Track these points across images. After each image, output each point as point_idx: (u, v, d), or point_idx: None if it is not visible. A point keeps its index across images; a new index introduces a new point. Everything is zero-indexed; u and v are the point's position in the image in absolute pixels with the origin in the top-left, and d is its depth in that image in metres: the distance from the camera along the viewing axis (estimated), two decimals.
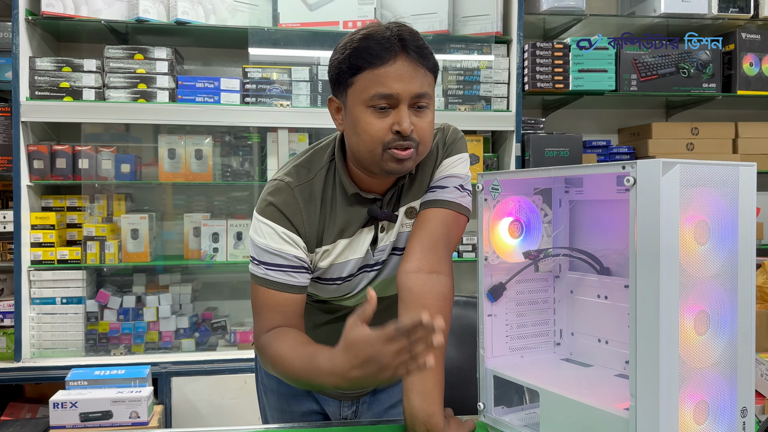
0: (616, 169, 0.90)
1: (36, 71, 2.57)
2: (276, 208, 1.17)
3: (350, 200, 1.21)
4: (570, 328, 1.26)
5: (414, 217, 1.25)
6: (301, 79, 2.75)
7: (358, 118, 1.12)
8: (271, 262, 1.17)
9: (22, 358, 2.54)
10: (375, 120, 1.10)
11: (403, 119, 1.09)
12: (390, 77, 1.09)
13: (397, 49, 1.09)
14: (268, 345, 1.15)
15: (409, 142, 1.11)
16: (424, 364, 0.94)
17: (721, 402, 0.93)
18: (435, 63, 1.16)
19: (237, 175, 2.81)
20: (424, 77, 1.11)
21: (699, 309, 0.90)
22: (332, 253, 1.22)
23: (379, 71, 1.09)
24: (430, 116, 1.14)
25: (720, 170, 0.91)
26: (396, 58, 1.09)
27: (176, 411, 2.53)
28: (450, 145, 1.27)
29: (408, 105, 1.10)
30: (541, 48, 2.84)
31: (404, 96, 1.09)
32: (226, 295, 3.02)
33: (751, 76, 2.99)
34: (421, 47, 1.12)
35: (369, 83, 1.10)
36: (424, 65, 1.11)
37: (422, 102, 1.12)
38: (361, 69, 1.10)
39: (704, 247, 0.91)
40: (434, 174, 1.26)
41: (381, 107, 1.10)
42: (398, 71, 1.09)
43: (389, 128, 1.10)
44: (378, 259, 1.26)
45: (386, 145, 1.11)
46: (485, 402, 1.18)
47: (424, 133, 1.13)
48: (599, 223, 1.21)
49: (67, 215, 2.73)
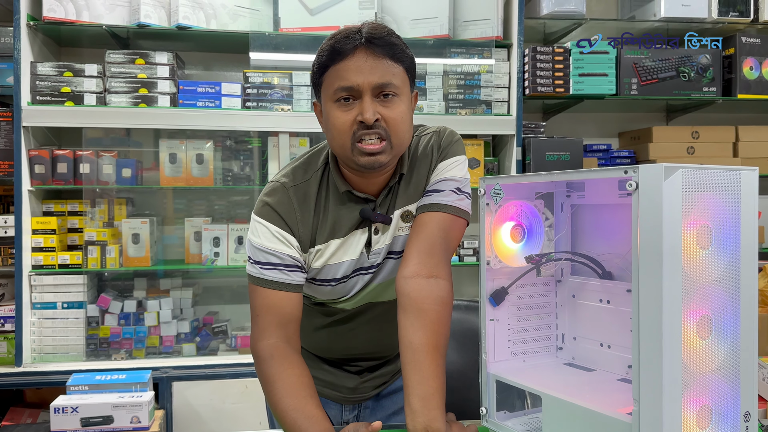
0: (619, 173, 0.90)
1: (37, 76, 2.57)
2: (271, 208, 1.19)
3: (342, 199, 1.23)
4: (572, 333, 1.26)
5: (410, 221, 1.25)
6: (301, 84, 2.75)
7: (328, 114, 1.16)
8: (266, 262, 1.19)
9: (23, 363, 2.54)
10: (341, 113, 1.13)
11: (365, 109, 1.11)
12: (350, 70, 1.11)
13: (358, 42, 1.12)
14: (269, 362, 1.16)
15: (376, 131, 1.12)
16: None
17: (724, 406, 0.92)
18: (405, 56, 1.17)
19: (238, 179, 2.81)
20: (387, 68, 1.13)
21: (702, 313, 0.90)
22: (325, 253, 1.23)
23: (339, 66, 1.12)
24: (400, 107, 1.15)
25: (722, 175, 0.91)
26: (355, 51, 1.12)
27: (177, 416, 2.52)
28: (445, 148, 1.27)
29: (373, 96, 1.12)
30: (541, 52, 2.85)
31: (365, 86, 1.11)
32: (227, 300, 3.02)
33: (751, 79, 3.00)
34: (384, 38, 1.13)
35: (333, 79, 1.13)
36: (386, 55, 1.13)
37: (387, 91, 1.13)
38: (327, 67, 1.14)
39: (707, 252, 0.91)
40: (430, 178, 1.26)
41: (344, 99, 1.13)
42: (357, 63, 1.11)
43: (354, 120, 1.12)
44: (373, 262, 1.26)
45: (354, 138, 1.13)
46: (488, 407, 1.18)
47: (393, 123, 1.13)
48: (601, 228, 1.21)
49: (68, 220, 2.73)
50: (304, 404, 1.11)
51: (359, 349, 1.39)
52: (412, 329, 1.12)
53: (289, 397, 1.12)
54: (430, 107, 2.82)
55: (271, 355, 1.16)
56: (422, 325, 1.12)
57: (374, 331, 1.36)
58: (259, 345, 1.18)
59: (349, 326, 1.35)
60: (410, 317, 1.13)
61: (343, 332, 1.36)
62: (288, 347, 1.18)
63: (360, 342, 1.38)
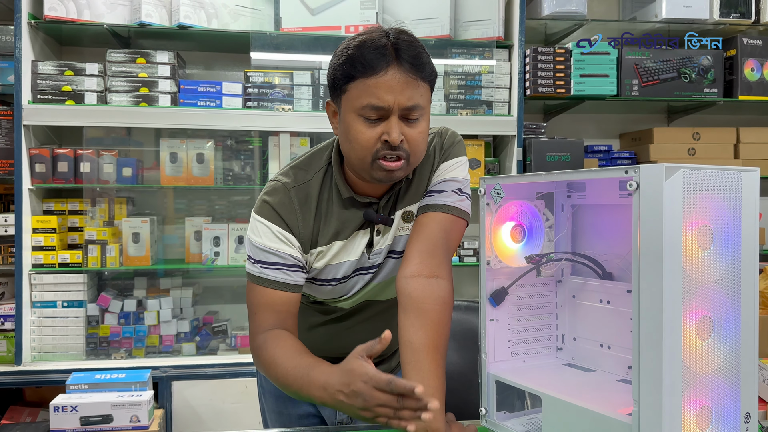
0: (619, 173, 0.90)
1: (38, 75, 2.57)
2: (272, 208, 1.19)
3: (345, 203, 1.22)
4: (572, 333, 1.25)
5: (411, 221, 1.25)
6: (302, 84, 2.75)
7: (349, 126, 1.12)
8: (266, 261, 1.18)
9: (23, 362, 2.54)
10: (365, 129, 1.10)
11: (393, 130, 1.09)
12: (381, 88, 1.08)
13: (390, 59, 1.08)
14: (263, 347, 1.16)
15: (399, 152, 1.11)
16: (404, 427, 0.96)
17: (724, 407, 0.92)
18: (432, 72, 1.15)
19: (238, 179, 2.81)
20: (416, 88, 1.10)
21: (702, 314, 0.90)
22: (327, 255, 1.23)
23: (370, 81, 1.08)
24: (422, 126, 1.14)
25: (723, 175, 0.90)
26: (388, 68, 1.08)
27: (177, 415, 2.52)
28: (447, 150, 1.27)
29: (399, 116, 1.10)
30: (542, 53, 2.85)
31: (395, 107, 1.09)
32: (227, 299, 3.02)
33: (752, 81, 2.99)
34: (416, 57, 1.10)
35: (361, 93, 1.09)
36: (418, 76, 1.10)
37: (414, 114, 1.11)
38: (354, 78, 1.10)
39: (707, 252, 0.90)
40: (431, 178, 1.26)
41: (371, 119, 1.10)
42: (390, 82, 1.08)
43: (378, 138, 1.10)
44: (374, 262, 1.27)
45: (375, 155, 1.11)
46: (487, 407, 1.18)
47: (415, 143, 1.13)
48: (601, 228, 1.21)
49: (69, 219, 2.73)
50: (299, 359, 1.11)
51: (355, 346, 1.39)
52: (413, 329, 1.12)
53: (287, 362, 1.11)
54: (432, 108, 2.81)
55: (265, 340, 1.17)
56: (423, 325, 1.12)
57: (371, 329, 1.36)
58: (256, 338, 1.19)
59: (346, 324, 1.35)
60: (411, 317, 1.14)
61: (339, 330, 1.36)
62: (281, 330, 1.18)
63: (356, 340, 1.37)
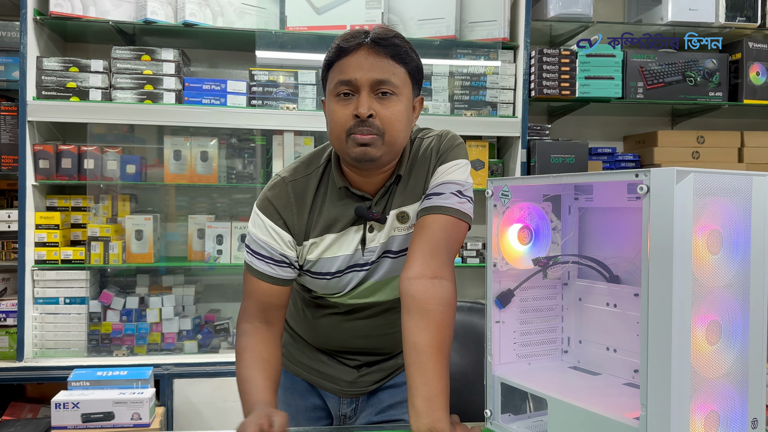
0: (629, 176, 0.89)
1: (43, 71, 2.57)
2: (269, 202, 1.26)
3: (340, 195, 1.26)
4: (578, 336, 1.25)
5: (406, 222, 1.27)
6: (307, 83, 2.75)
7: (329, 109, 1.20)
8: (257, 251, 1.26)
9: (25, 358, 2.53)
10: (339, 107, 1.17)
11: (361, 104, 1.15)
12: (350, 66, 1.16)
13: (361, 41, 1.16)
14: (241, 337, 1.27)
15: (369, 128, 1.15)
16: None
17: (732, 413, 0.92)
18: (407, 56, 1.20)
19: (242, 177, 2.81)
20: (388, 67, 1.17)
21: (711, 319, 0.90)
22: (320, 246, 1.26)
23: (341, 62, 1.17)
24: (397, 106, 1.18)
25: (733, 180, 0.90)
26: (358, 48, 1.16)
27: (178, 413, 2.52)
28: (445, 153, 1.27)
29: (371, 91, 1.16)
30: (547, 54, 2.84)
31: (363, 82, 1.15)
32: (230, 297, 3.01)
33: (757, 85, 2.99)
34: (387, 40, 1.17)
35: (335, 74, 1.18)
36: (388, 55, 1.17)
37: (385, 88, 1.16)
38: (332, 63, 1.19)
39: (717, 257, 0.90)
40: (429, 181, 1.26)
41: (344, 93, 1.17)
42: (358, 60, 1.16)
43: (351, 114, 1.16)
44: (368, 259, 1.28)
45: (349, 131, 1.16)
46: (492, 409, 1.18)
47: (388, 120, 1.17)
48: (609, 231, 1.20)
49: (72, 215, 2.72)
50: (255, 375, 1.20)
51: (356, 343, 1.40)
52: (417, 330, 1.12)
53: (247, 368, 1.21)
54: (436, 108, 2.82)
55: (244, 331, 1.27)
56: (426, 326, 1.12)
57: (371, 328, 1.37)
58: (241, 323, 1.29)
59: (347, 319, 1.37)
60: (414, 318, 1.13)
61: (340, 326, 1.38)
62: (265, 327, 1.27)
63: (357, 337, 1.39)
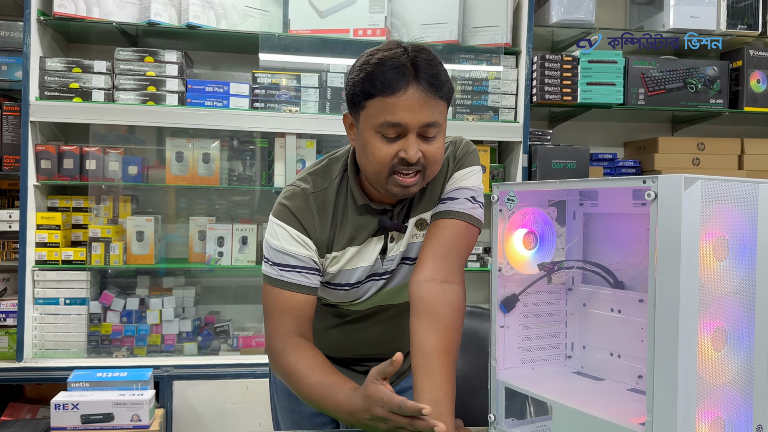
0: (637, 183, 0.90)
1: (46, 71, 2.57)
2: (290, 212, 1.21)
3: (360, 210, 1.24)
4: (582, 342, 1.25)
5: (425, 229, 1.27)
6: (310, 86, 2.75)
7: (367, 141, 1.14)
8: (285, 263, 1.20)
9: (24, 358, 2.53)
10: (383, 146, 1.12)
11: (410, 148, 1.11)
12: (399, 107, 1.09)
13: (410, 78, 1.09)
14: (282, 355, 1.17)
15: (416, 167, 1.13)
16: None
17: (736, 419, 0.92)
18: (450, 89, 1.16)
19: (243, 179, 2.81)
20: (434, 107, 1.12)
21: (717, 325, 0.90)
22: (341, 260, 1.24)
23: (389, 100, 1.10)
24: (439, 142, 1.16)
25: (740, 187, 0.91)
26: (407, 87, 1.09)
27: (177, 415, 2.52)
28: (461, 159, 1.28)
29: (417, 133, 1.12)
30: (549, 60, 2.85)
31: (412, 126, 1.11)
32: (230, 300, 3.01)
33: (758, 92, 3.00)
34: (435, 75, 1.12)
35: (379, 110, 1.11)
36: (436, 95, 1.11)
37: (431, 132, 1.13)
38: (373, 95, 1.11)
39: (723, 264, 0.90)
40: (445, 186, 1.27)
41: (389, 136, 1.12)
42: (408, 101, 1.09)
43: (395, 154, 1.12)
44: (387, 268, 1.28)
45: (391, 170, 1.13)
46: (496, 414, 1.18)
47: (432, 158, 1.15)
48: (613, 237, 1.21)
49: (73, 216, 2.72)
50: (323, 376, 1.13)
51: (367, 349, 1.40)
52: (425, 333, 1.13)
53: (310, 376, 1.14)
54: None
55: (285, 347, 1.18)
56: (435, 330, 1.13)
57: (383, 333, 1.37)
58: (274, 342, 1.20)
59: (359, 327, 1.37)
60: (423, 321, 1.14)
61: (352, 333, 1.37)
62: (301, 339, 1.20)
63: (368, 343, 1.39)
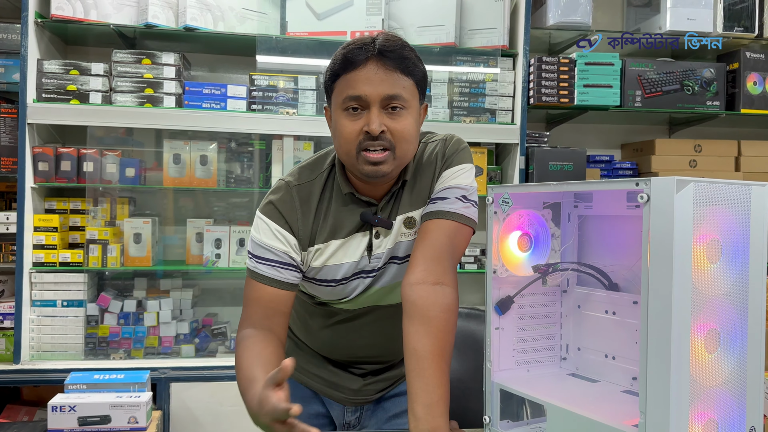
0: (630, 185, 0.90)
1: (43, 73, 2.57)
2: (273, 206, 1.23)
3: (345, 201, 1.25)
4: (576, 343, 1.26)
5: (413, 227, 1.26)
6: (307, 88, 2.76)
7: (336, 122, 1.19)
8: (261, 256, 1.22)
9: (21, 360, 2.53)
10: (348, 122, 1.16)
11: (372, 120, 1.13)
12: (359, 80, 1.14)
13: (370, 54, 1.14)
14: (240, 344, 1.20)
15: (381, 142, 1.14)
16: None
17: (729, 421, 0.92)
18: (415, 67, 1.18)
19: (241, 181, 2.81)
20: (397, 80, 1.15)
21: (710, 327, 0.90)
22: (325, 253, 1.24)
23: (350, 75, 1.15)
24: (407, 120, 1.17)
25: (733, 189, 0.91)
26: (367, 62, 1.14)
27: (174, 417, 2.51)
28: (450, 157, 1.27)
29: (381, 107, 1.14)
30: (546, 62, 2.86)
31: (373, 97, 1.13)
32: (227, 302, 3.01)
33: (754, 94, 3.01)
34: (396, 51, 1.15)
35: (343, 87, 1.16)
36: (397, 68, 1.15)
37: (395, 103, 1.15)
38: (338, 75, 1.16)
39: (716, 266, 0.91)
40: (434, 185, 1.26)
41: (353, 108, 1.15)
42: (367, 74, 1.14)
43: (361, 130, 1.15)
44: (374, 266, 1.27)
45: (359, 147, 1.15)
46: (491, 415, 1.18)
47: (399, 135, 1.16)
48: (608, 239, 1.21)
49: (70, 218, 2.72)
50: (252, 370, 1.12)
51: (363, 351, 1.39)
52: (417, 336, 1.13)
53: (245, 369, 1.14)
54: (435, 114, 2.83)
55: (243, 337, 1.20)
56: (427, 332, 1.13)
57: (377, 334, 1.37)
58: (239, 330, 1.23)
59: (352, 327, 1.36)
60: (415, 324, 1.14)
61: (346, 333, 1.37)
62: (261, 332, 1.20)
63: (363, 344, 1.38)
